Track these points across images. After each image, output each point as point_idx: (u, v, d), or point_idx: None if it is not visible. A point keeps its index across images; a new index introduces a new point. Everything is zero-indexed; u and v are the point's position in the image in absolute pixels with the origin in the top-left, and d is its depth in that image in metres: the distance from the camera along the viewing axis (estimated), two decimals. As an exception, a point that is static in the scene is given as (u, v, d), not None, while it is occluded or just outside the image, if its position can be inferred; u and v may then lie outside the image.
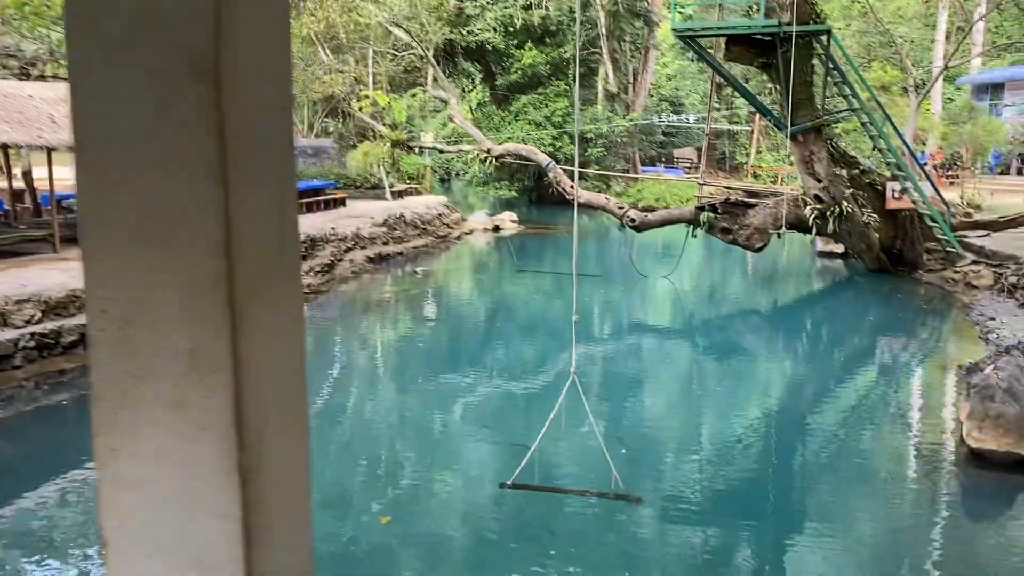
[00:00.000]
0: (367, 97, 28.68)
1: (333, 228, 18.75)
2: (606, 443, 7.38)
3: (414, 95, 34.06)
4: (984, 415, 8.03)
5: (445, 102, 29.10)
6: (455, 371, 11.74)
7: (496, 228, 26.32)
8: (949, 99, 34.91)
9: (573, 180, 21.16)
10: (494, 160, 23.73)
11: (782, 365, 12.80)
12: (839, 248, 20.29)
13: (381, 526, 6.57)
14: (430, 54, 29.98)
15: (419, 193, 27.80)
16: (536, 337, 13.63)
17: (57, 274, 11.65)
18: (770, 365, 12.77)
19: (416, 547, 6.40)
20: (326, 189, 23.62)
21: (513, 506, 7.01)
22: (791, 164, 20.10)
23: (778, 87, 17.50)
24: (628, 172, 34.94)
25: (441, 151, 31.74)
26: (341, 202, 23.12)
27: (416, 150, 30.51)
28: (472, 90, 35.70)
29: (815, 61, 17.21)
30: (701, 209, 17.80)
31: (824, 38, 16.55)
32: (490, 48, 33.28)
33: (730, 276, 21.56)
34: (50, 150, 13.82)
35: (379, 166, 27.02)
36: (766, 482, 8.23)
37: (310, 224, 18.53)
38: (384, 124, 28.63)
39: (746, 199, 18.66)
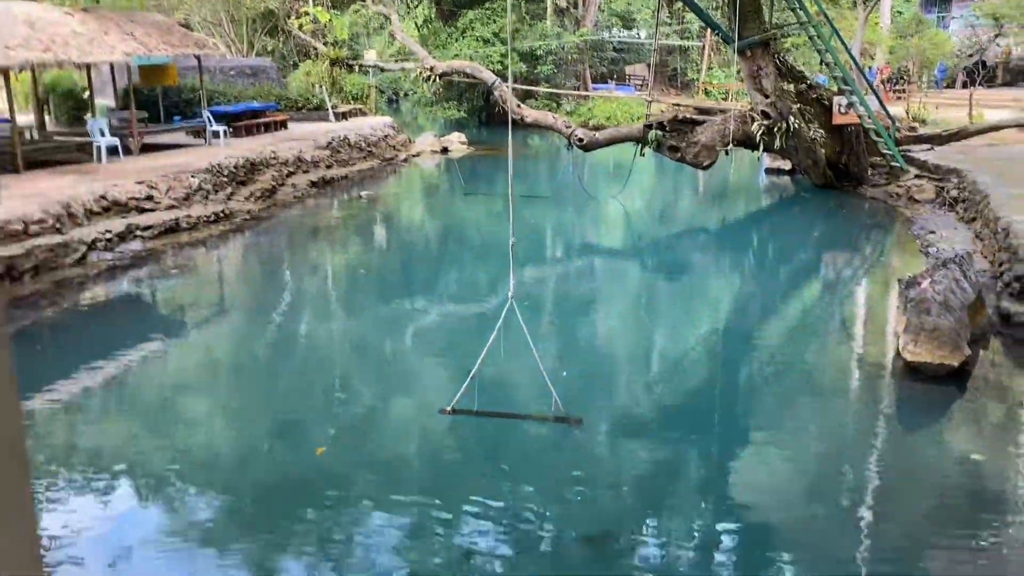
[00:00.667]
0: (307, 14, 27.58)
1: (274, 152, 18.18)
2: (550, 366, 7.35)
3: (357, 11, 32.84)
4: (920, 328, 8.15)
5: (388, 18, 28.13)
6: (400, 297, 11.59)
7: (444, 150, 25.84)
8: (898, 12, 34.75)
9: (516, 99, 20.73)
10: (438, 79, 23.10)
11: (729, 282, 12.88)
12: (787, 165, 20.33)
13: (319, 455, 6.49)
14: (372, -33, 28.83)
15: (364, 114, 27.04)
16: (483, 261, 13.50)
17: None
18: (717, 283, 12.83)
19: (355, 474, 6.34)
20: (266, 111, 22.84)
21: (456, 431, 6.98)
22: (741, 81, 19.90)
23: (726, 0, 17.16)
24: (579, 90, 34.41)
25: (383, 70, 30.79)
26: (283, 124, 22.40)
27: (358, 69, 29.58)
28: (418, 5, 34.54)
29: (764, -27, 16.87)
30: (649, 127, 17.58)
31: (773, -52, 16.17)
32: (435, -39, 32.10)
33: (679, 194, 21.53)
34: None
35: (321, 86, 26.18)
36: (712, 397, 8.33)
37: (249, 147, 17.94)
38: (325, 42, 27.63)
39: (694, 116, 18.48)
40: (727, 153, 17.38)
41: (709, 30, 24.85)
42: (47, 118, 20.48)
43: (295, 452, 6.67)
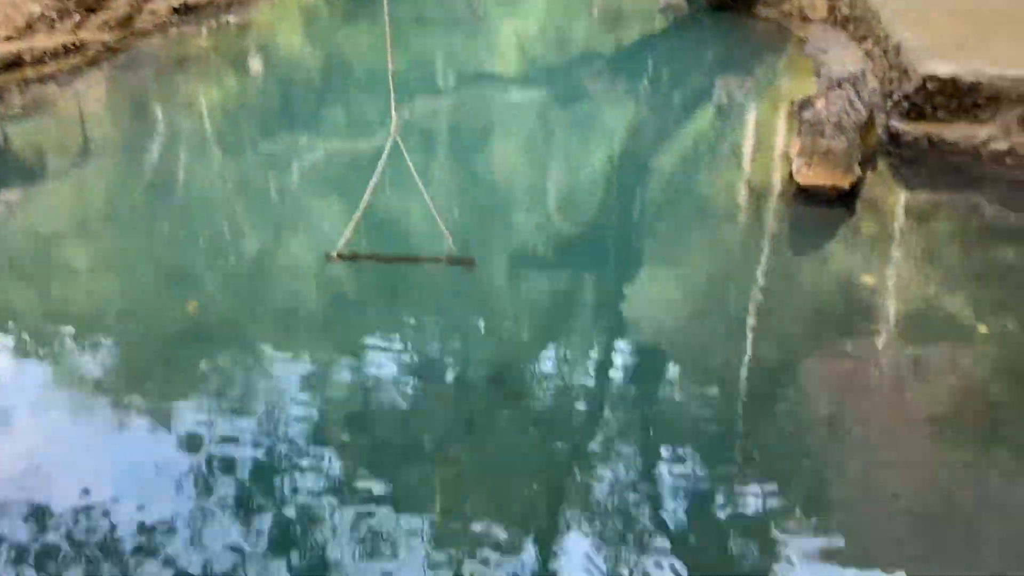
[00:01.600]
0: None
1: (128, -26, 16.33)
2: (441, 205, 7.02)
3: None
4: (813, 151, 8.10)
5: None
6: (281, 134, 10.84)
7: (322, -29, 23.89)
8: None
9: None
10: None
11: (623, 110, 12.58)
12: (682, -16, 19.67)
13: (192, 311, 6.08)
14: None
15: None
16: (369, 94, 12.69)
17: None
18: (611, 111, 12.51)
19: (245, 323, 6.00)
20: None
21: (346, 278, 6.66)
22: None
23: None
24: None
25: None
26: (137, -57, 20.09)
27: None
28: None
29: None
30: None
31: None
32: None
33: (573, 19, 20.71)
34: None
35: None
36: (607, 227, 8.24)
37: (99, -30, 16.02)
38: None
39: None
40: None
41: None
42: None
43: (177, 302, 6.24)
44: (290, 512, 3.89)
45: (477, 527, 3.81)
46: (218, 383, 5.21)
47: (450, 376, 5.35)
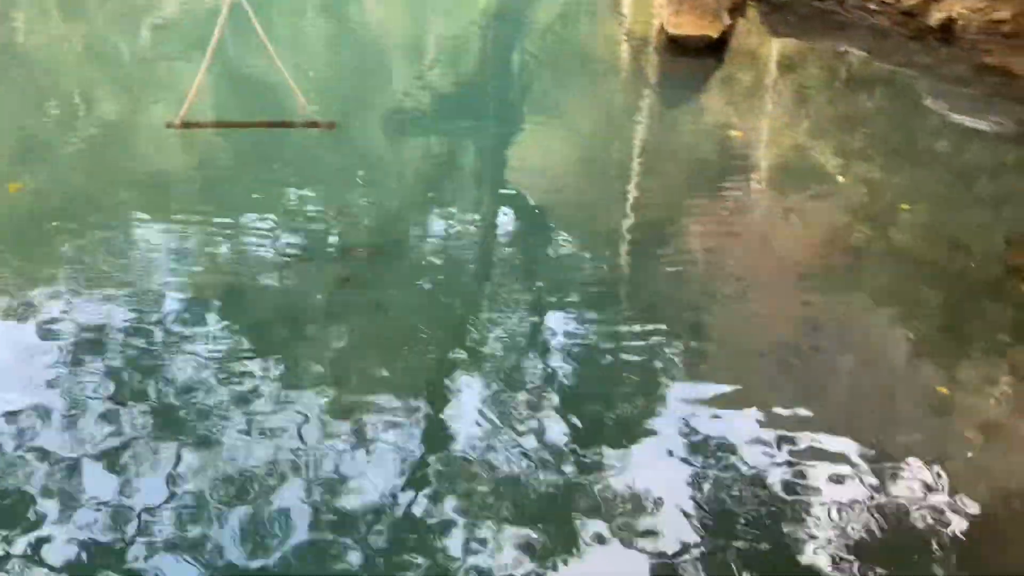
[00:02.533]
0: None
1: None
2: (303, 64, 6.62)
3: None
4: (681, 0, 8.06)
5: None
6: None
7: None
8: None
9: None
10: None
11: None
12: None
13: (13, 191, 5.59)
14: None
15: None
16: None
17: None
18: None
19: (103, 198, 5.57)
20: None
21: (201, 148, 6.24)
22: None
23: None
24: None
25: None
26: None
27: None
28: None
29: None
30: None
31: None
32: None
33: None
34: None
35: None
36: (483, 84, 8.04)
37: None
38: None
39: None
40: None
41: None
42: None
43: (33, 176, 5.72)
44: (170, 395, 3.71)
45: (367, 394, 3.77)
46: (95, 257, 4.81)
47: (323, 244, 5.13)
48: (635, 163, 6.45)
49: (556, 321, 4.46)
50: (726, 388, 4.00)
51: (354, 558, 3.03)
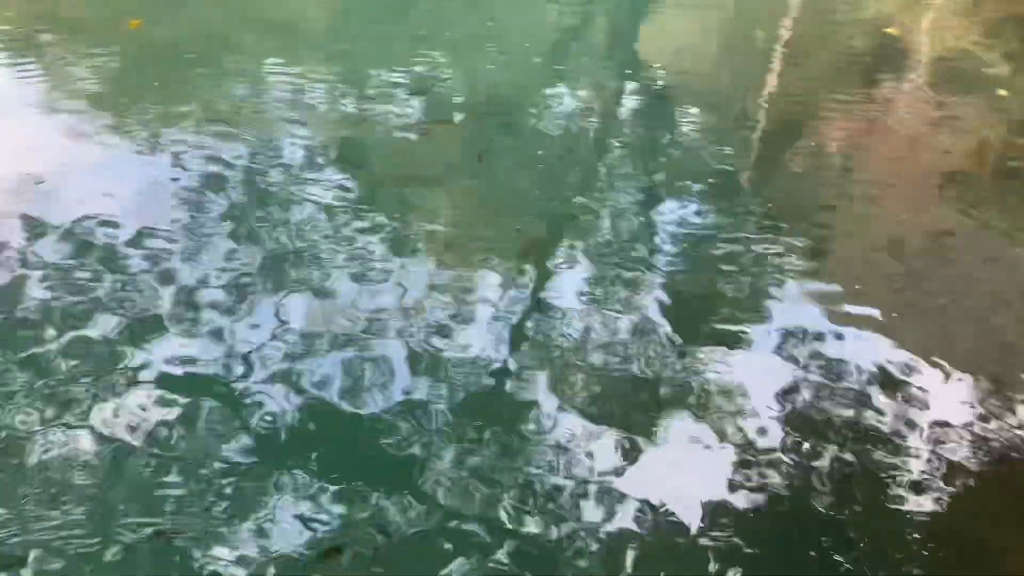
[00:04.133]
0: None
1: None
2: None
3: None
4: None
5: None
6: None
7: None
8: None
9: None
10: None
11: None
12: None
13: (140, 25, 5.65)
14: None
15: None
16: None
17: None
18: None
19: (228, 39, 5.63)
20: None
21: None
22: None
23: None
24: None
25: None
26: None
27: None
28: None
29: None
30: None
31: None
32: None
33: None
34: None
35: None
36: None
37: None
38: None
39: None
40: None
41: None
42: None
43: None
44: (290, 234, 3.82)
45: (476, 256, 3.78)
46: (205, 101, 4.95)
47: (454, 105, 5.10)
48: (779, 50, 6.06)
49: (671, 208, 4.32)
50: (844, 293, 3.83)
51: (442, 407, 3.11)
